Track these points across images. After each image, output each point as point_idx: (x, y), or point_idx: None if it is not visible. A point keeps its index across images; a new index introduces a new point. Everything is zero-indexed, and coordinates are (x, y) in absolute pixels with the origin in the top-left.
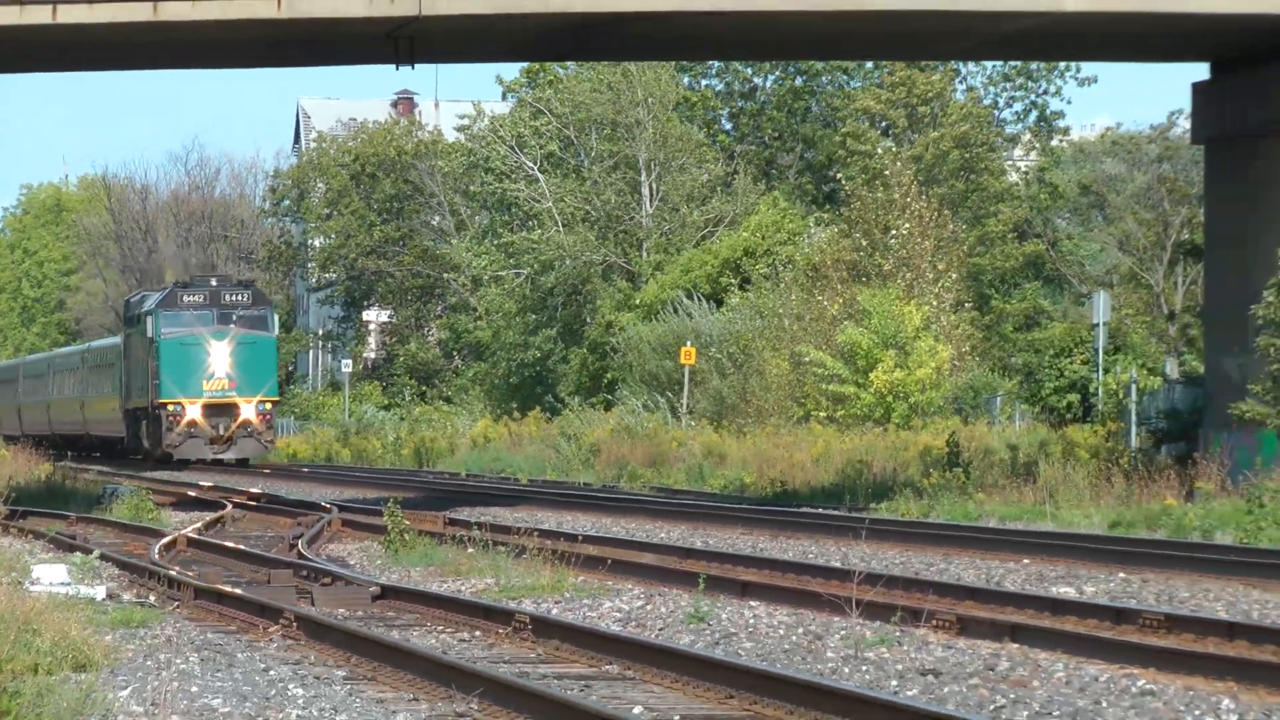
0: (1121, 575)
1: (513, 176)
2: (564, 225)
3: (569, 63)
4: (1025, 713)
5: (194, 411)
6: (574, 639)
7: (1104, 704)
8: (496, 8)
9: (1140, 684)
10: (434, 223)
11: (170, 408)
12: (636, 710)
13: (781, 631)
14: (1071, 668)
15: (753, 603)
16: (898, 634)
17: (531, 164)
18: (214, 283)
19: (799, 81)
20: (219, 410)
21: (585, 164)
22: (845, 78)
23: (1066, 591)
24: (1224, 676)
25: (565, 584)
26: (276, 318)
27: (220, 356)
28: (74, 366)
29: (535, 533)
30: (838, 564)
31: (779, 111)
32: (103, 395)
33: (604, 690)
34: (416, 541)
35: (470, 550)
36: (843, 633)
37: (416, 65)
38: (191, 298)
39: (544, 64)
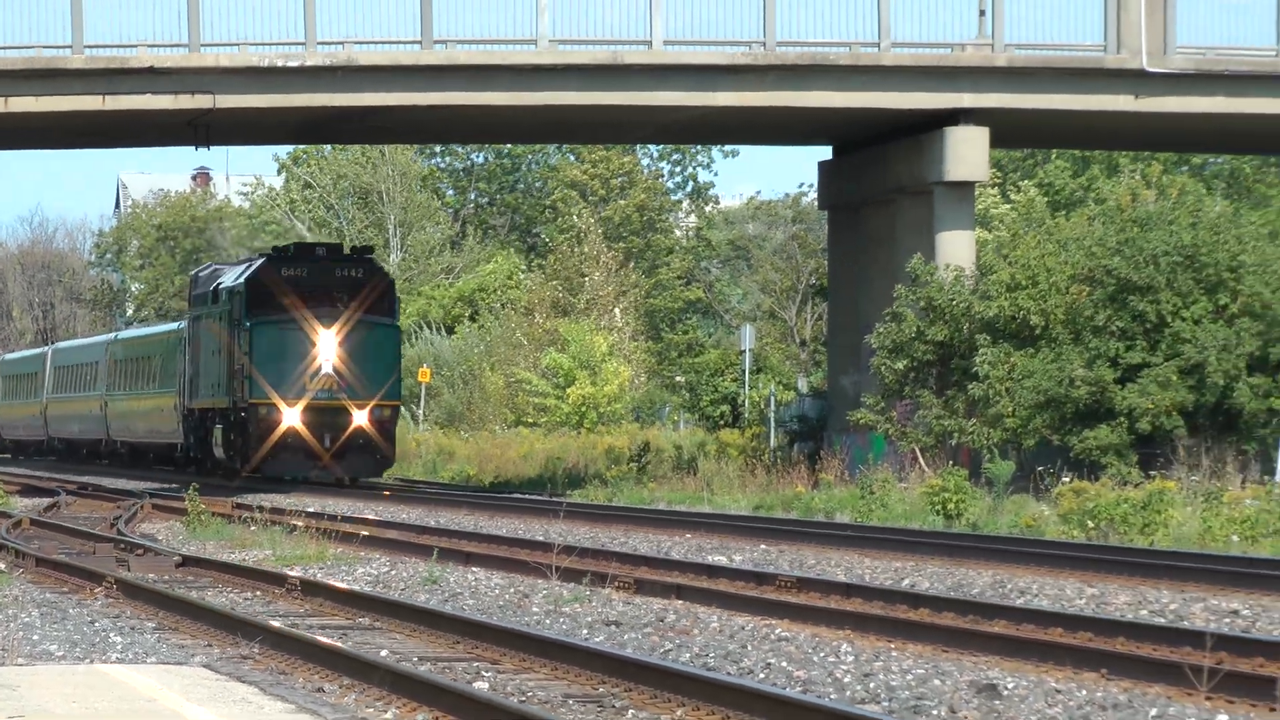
0: (763, 546)
1: (286, 236)
2: None
3: (331, 144)
4: (687, 654)
5: (292, 416)
6: (334, 598)
7: (749, 648)
8: (272, 102)
9: (778, 632)
10: None
11: (262, 411)
12: (384, 653)
13: (497, 591)
14: (724, 619)
15: (475, 569)
16: (588, 593)
17: (302, 225)
18: (320, 251)
19: (507, 160)
20: (325, 415)
21: (344, 224)
22: (545, 156)
23: (720, 559)
24: (843, 626)
25: (327, 554)
26: (399, 300)
27: (328, 347)
28: (91, 360)
29: (303, 514)
30: (541, 538)
31: (488, 185)
32: (138, 393)
33: (358, 637)
34: (211, 521)
35: (253, 528)
36: (545, 592)
37: (212, 146)
38: (291, 271)
39: (310, 146)
